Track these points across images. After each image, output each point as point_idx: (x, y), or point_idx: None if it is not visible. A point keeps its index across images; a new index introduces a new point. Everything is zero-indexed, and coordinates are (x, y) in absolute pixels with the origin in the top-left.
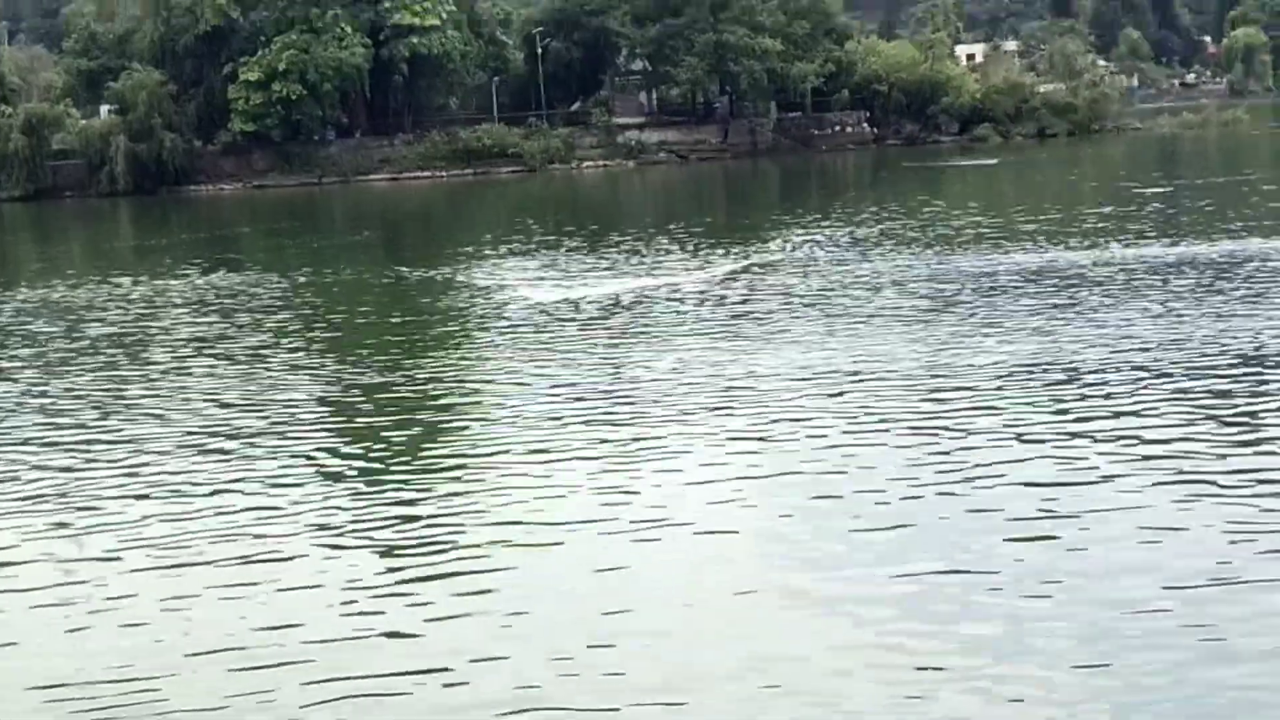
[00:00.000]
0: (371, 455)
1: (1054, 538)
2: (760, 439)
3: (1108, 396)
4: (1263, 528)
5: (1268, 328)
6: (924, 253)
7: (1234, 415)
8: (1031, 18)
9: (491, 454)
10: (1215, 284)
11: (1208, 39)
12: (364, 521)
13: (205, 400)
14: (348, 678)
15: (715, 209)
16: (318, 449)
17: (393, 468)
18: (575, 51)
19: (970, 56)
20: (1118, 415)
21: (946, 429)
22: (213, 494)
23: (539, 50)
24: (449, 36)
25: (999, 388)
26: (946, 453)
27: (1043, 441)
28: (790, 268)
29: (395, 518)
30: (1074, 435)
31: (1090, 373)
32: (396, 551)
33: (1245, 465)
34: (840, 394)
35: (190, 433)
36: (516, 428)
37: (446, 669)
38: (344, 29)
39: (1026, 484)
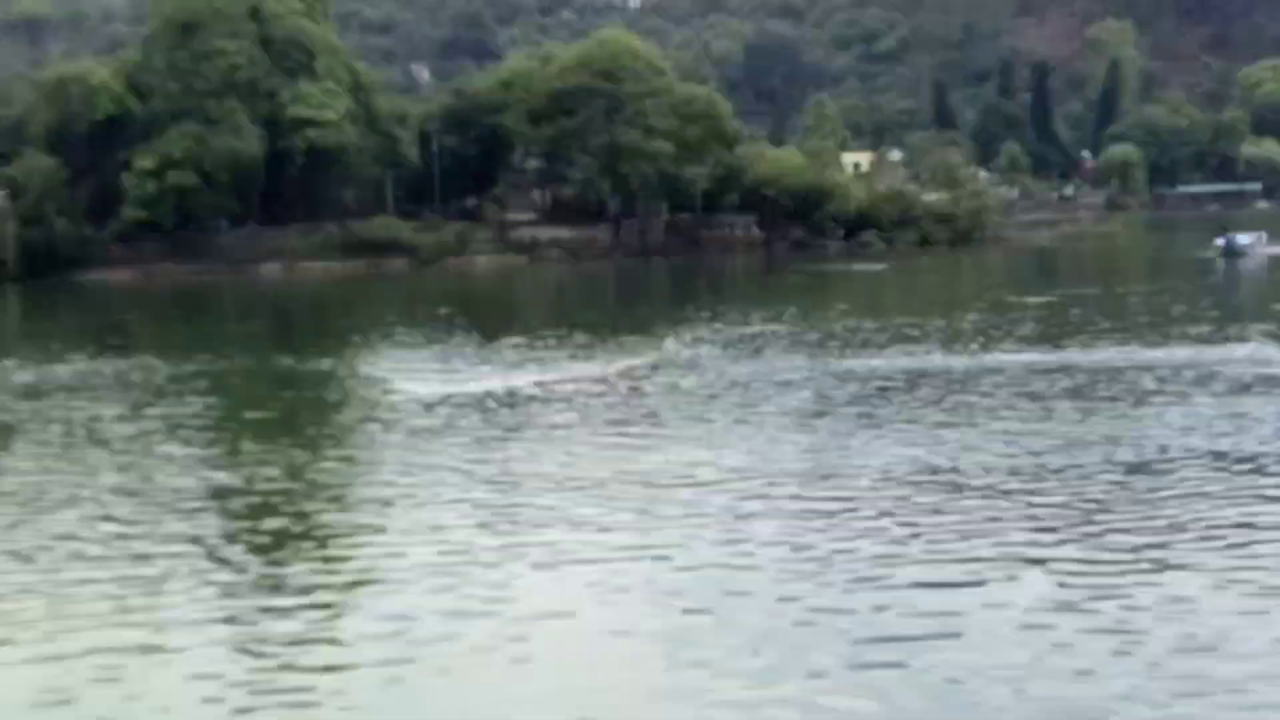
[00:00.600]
0: (243, 543)
1: (938, 635)
2: (640, 536)
3: (986, 499)
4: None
5: (1134, 434)
6: (810, 354)
7: (1108, 522)
8: (916, 129)
9: (362, 548)
10: (1091, 391)
11: (1086, 154)
12: (229, 614)
13: (82, 485)
14: None
15: (606, 307)
16: (189, 538)
17: (262, 561)
18: (470, 148)
19: (856, 164)
20: (996, 520)
21: (827, 530)
22: (82, 583)
23: (434, 146)
24: (346, 130)
25: (879, 489)
26: (824, 557)
27: (917, 536)
28: (679, 367)
29: (262, 609)
30: (956, 536)
31: (970, 476)
32: (258, 652)
33: (1119, 571)
34: (723, 492)
35: (66, 517)
36: (393, 523)
37: None
38: (241, 120)
39: (911, 584)
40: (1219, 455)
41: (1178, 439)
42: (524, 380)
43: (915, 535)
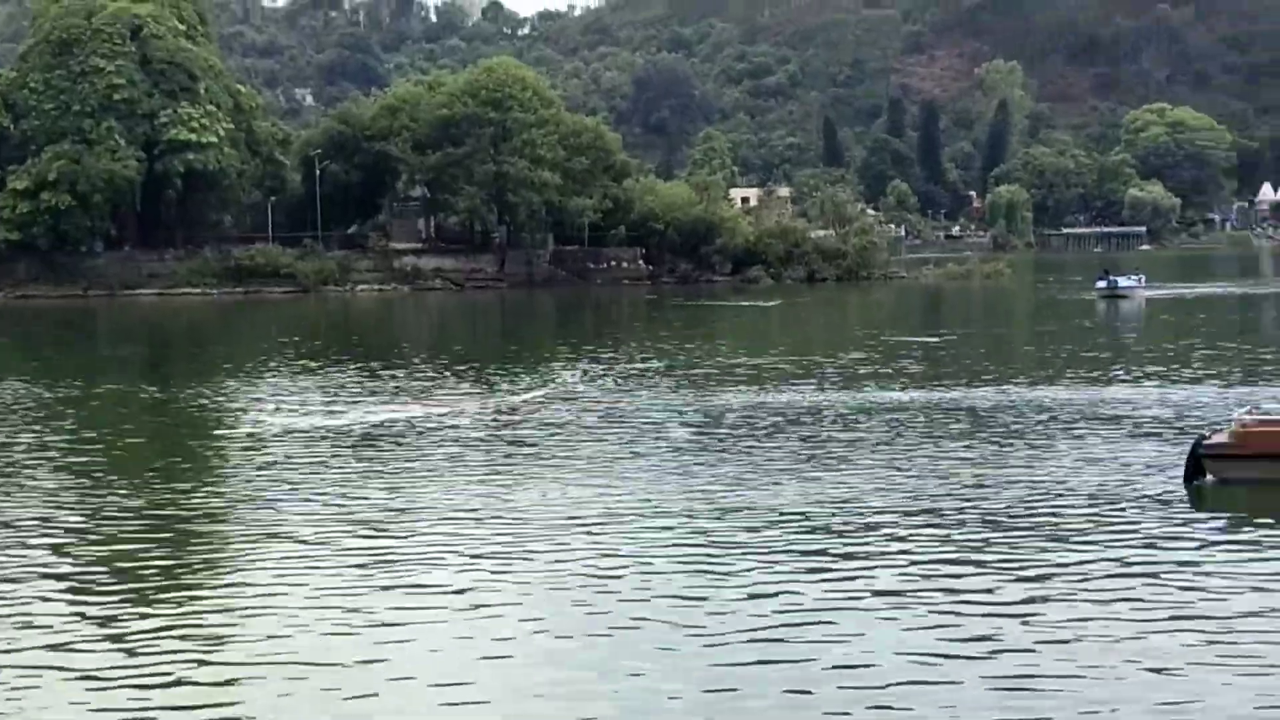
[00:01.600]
0: (113, 573)
1: (812, 659)
2: (508, 572)
3: (858, 537)
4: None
5: (1011, 474)
6: (695, 390)
7: (981, 562)
8: (804, 165)
9: (224, 583)
10: (971, 430)
11: (973, 194)
12: (102, 640)
13: None
14: None
15: (490, 339)
16: (55, 568)
17: (119, 598)
18: (354, 175)
19: (745, 199)
20: (867, 558)
21: (698, 568)
22: None
23: (317, 172)
24: (225, 154)
25: (757, 527)
26: (690, 595)
27: (785, 573)
28: (561, 401)
29: (118, 647)
30: (826, 575)
31: (844, 515)
32: (125, 683)
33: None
34: (596, 531)
35: None
36: (256, 557)
37: None
38: (118, 141)
39: (790, 621)
40: (1092, 495)
41: (1055, 478)
42: (403, 412)
43: (784, 573)
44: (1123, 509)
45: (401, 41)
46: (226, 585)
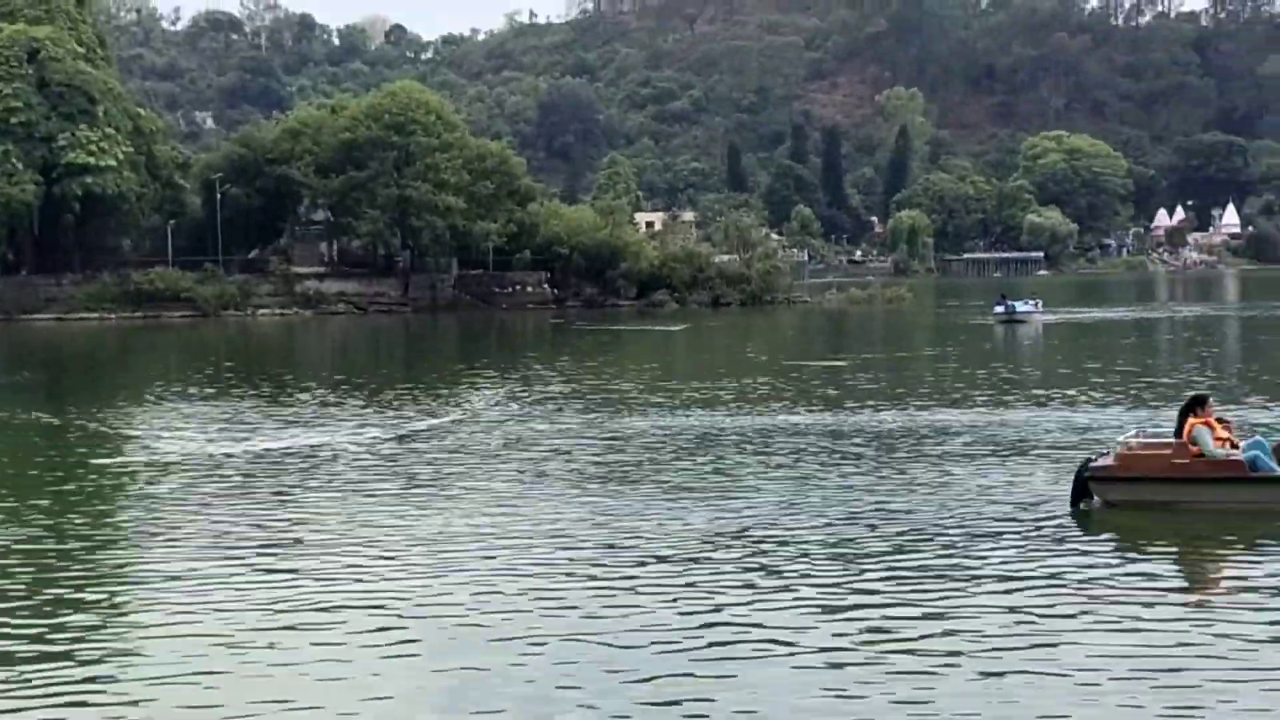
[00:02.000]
0: (8, 609)
1: (708, 699)
2: (412, 602)
3: (771, 562)
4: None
5: (908, 497)
6: (598, 415)
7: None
8: (708, 190)
9: (125, 614)
10: (873, 453)
11: (875, 219)
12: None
13: None
14: None
15: (393, 363)
16: None
17: (25, 625)
18: (255, 199)
19: (650, 224)
20: (778, 584)
21: (607, 595)
22: None
23: (218, 195)
24: (124, 177)
25: (663, 553)
26: (607, 625)
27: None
28: (464, 427)
29: (22, 677)
30: (721, 605)
31: (747, 539)
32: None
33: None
34: (500, 557)
35: None
36: (148, 586)
37: None
38: (14, 165)
39: (692, 648)
40: (981, 518)
41: (947, 502)
42: (302, 439)
43: (688, 599)
44: (1009, 532)
45: (304, 64)
46: (118, 616)
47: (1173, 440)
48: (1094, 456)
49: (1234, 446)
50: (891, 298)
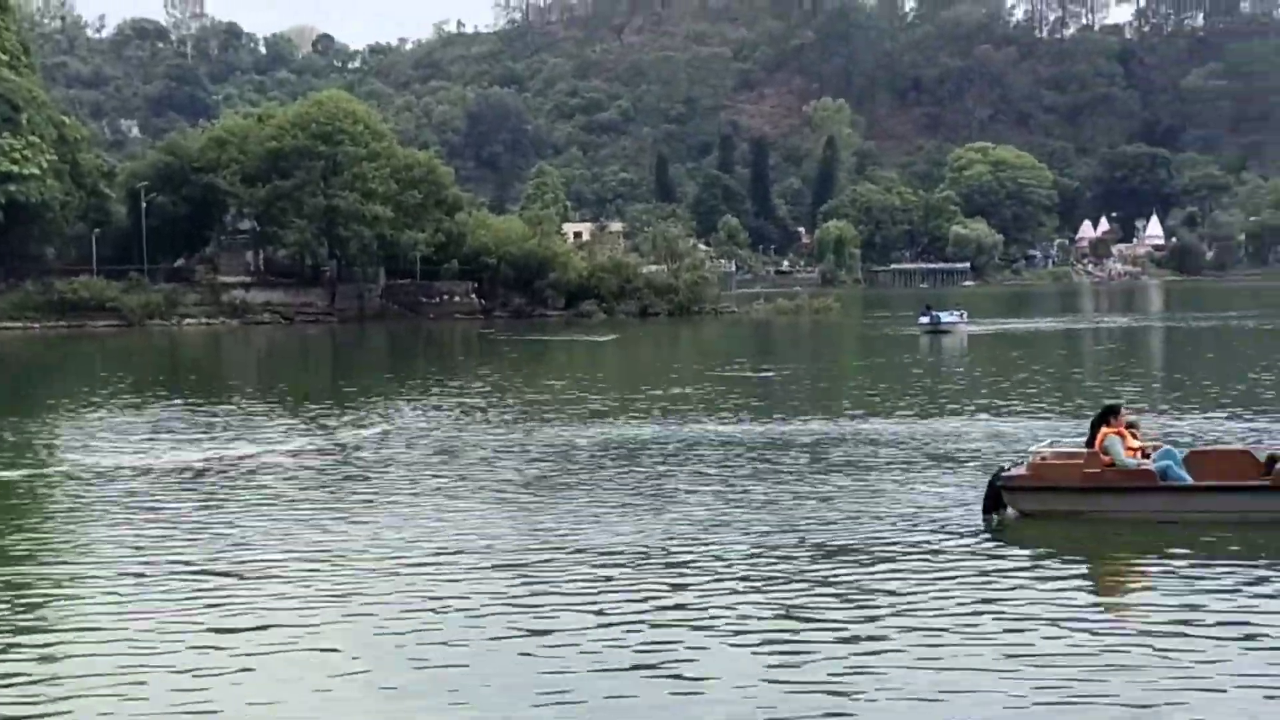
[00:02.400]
0: None
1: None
2: (340, 616)
3: (699, 575)
4: None
5: (830, 506)
6: (525, 426)
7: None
8: (637, 200)
9: (48, 629)
10: (794, 462)
11: (802, 230)
12: None
13: None
14: None
15: (320, 374)
16: None
17: None
18: (181, 207)
19: (578, 234)
20: (708, 594)
21: (534, 609)
22: None
23: (143, 204)
24: (48, 185)
25: (591, 564)
26: (534, 641)
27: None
28: (391, 438)
29: None
30: (650, 617)
31: (670, 552)
32: None
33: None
34: (426, 570)
35: None
36: (82, 600)
37: None
38: None
39: (618, 665)
40: (896, 526)
41: (864, 511)
42: (228, 450)
43: (617, 612)
44: (919, 544)
45: (230, 73)
46: (40, 630)
47: (1085, 450)
48: (1007, 466)
49: (1145, 456)
50: (818, 308)
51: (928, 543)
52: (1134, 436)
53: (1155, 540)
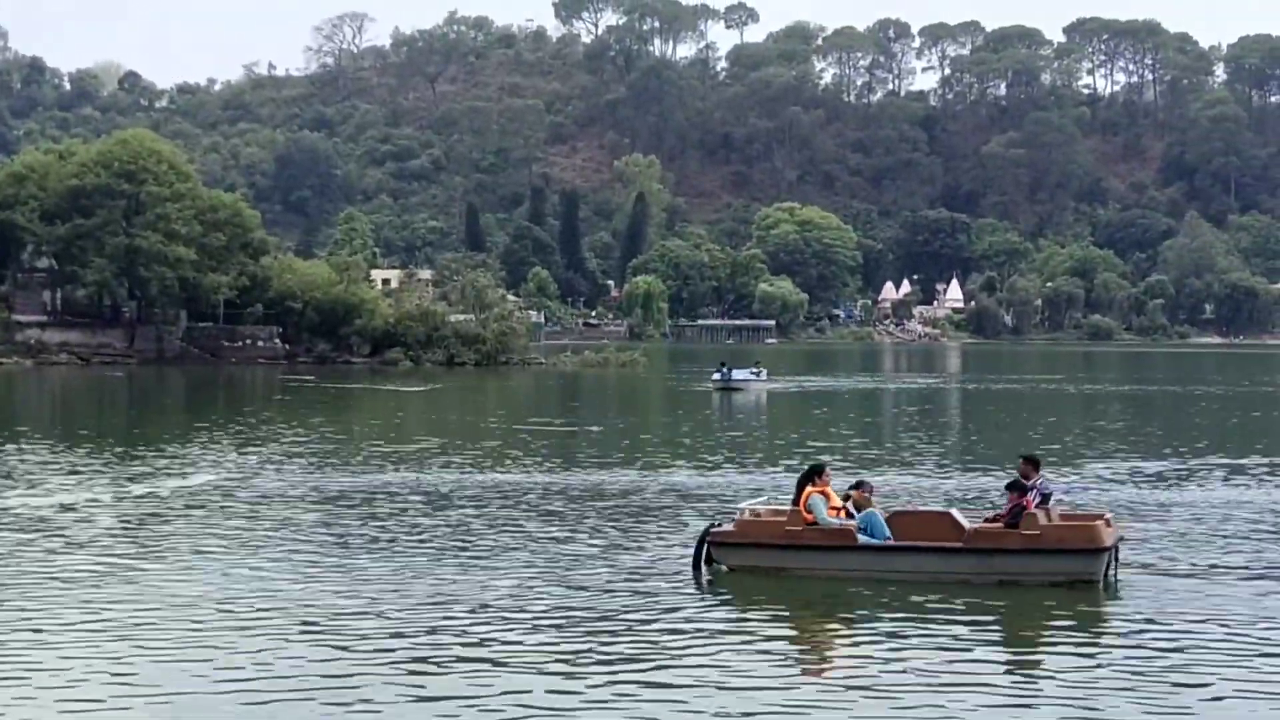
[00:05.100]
0: None
1: None
2: (117, 668)
3: (483, 625)
4: None
5: (631, 555)
6: (319, 474)
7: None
8: (446, 248)
9: None
10: (582, 511)
11: (611, 283)
12: None
13: None
14: None
15: (116, 418)
16: None
17: None
18: None
19: (386, 281)
20: (481, 643)
21: (320, 667)
22: None
23: None
24: None
25: (388, 614)
26: (318, 698)
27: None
28: (188, 486)
29: None
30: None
31: (473, 606)
32: None
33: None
34: (210, 624)
35: None
36: None
37: None
38: None
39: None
40: (612, 580)
41: (579, 567)
42: (19, 499)
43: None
44: (629, 596)
45: (32, 108)
46: None
47: (789, 508)
48: (718, 522)
49: (849, 515)
50: (625, 362)
51: (635, 596)
52: (862, 496)
53: (852, 597)
